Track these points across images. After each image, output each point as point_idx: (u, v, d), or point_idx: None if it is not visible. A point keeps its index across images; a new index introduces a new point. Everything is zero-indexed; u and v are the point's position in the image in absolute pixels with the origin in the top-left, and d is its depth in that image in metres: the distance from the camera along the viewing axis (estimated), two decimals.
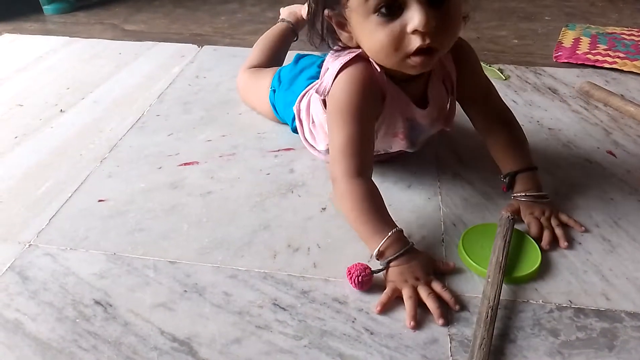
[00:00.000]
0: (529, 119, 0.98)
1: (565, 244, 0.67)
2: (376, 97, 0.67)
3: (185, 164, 0.86)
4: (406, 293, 0.59)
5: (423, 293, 0.59)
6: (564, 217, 0.71)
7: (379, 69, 0.66)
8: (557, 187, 0.79)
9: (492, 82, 0.79)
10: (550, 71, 1.19)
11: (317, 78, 0.82)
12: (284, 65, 1.00)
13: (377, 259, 0.62)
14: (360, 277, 0.60)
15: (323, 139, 0.78)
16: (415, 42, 0.58)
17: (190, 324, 0.57)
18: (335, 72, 0.66)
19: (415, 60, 0.60)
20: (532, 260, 0.64)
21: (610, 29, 1.43)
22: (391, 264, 0.61)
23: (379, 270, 0.61)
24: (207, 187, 0.80)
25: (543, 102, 1.05)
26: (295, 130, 0.86)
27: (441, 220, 0.73)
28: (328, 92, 0.68)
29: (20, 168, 0.85)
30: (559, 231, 0.69)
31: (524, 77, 1.16)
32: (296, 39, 1.11)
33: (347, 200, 0.65)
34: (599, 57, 1.24)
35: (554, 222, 0.70)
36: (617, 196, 0.77)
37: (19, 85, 1.15)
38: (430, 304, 0.58)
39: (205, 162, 0.86)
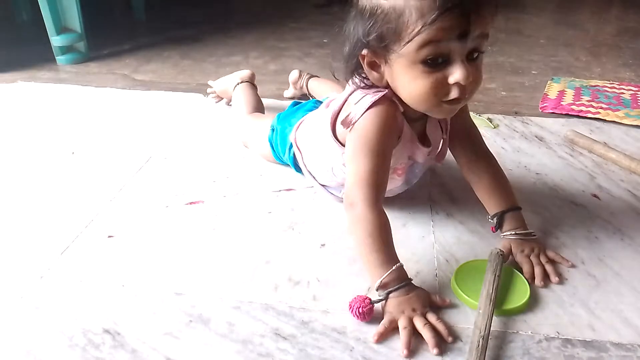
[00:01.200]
0: (517, 164, 1.04)
1: (556, 279, 0.71)
2: (396, 135, 0.74)
3: (191, 203, 0.90)
4: (402, 323, 0.62)
5: (419, 324, 0.62)
6: (551, 254, 0.76)
7: (401, 109, 0.72)
8: (545, 227, 0.83)
9: (482, 130, 0.86)
10: (537, 121, 1.26)
11: (313, 110, 0.89)
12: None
13: (377, 290, 0.65)
14: (361, 309, 0.63)
15: (321, 165, 0.85)
16: (454, 92, 0.65)
17: (195, 352, 0.60)
18: (365, 109, 0.71)
19: (447, 107, 0.68)
20: (521, 293, 0.68)
21: (593, 82, 1.52)
22: (390, 295, 0.64)
23: (379, 301, 0.64)
24: (211, 225, 0.84)
25: (530, 149, 1.11)
26: (293, 162, 0.92)
27: (434, 257, 0.76)
28: (353, 124, 0.72)
29: (34, 206, 0.90)
30: (549, 267, 0.73)
31: (512, 126, 1.23)
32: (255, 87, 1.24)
33: (364, 226, 0.68)
34: (583, 108, 1.31)
35: (543, 259, 0.74)
36: (601, 235, 0.82)
37: (33, 129, 1.21)
38: (426, 334, 0.61)
39: (211, 201, 0.91)
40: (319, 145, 0.83)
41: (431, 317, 0.63)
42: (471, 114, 1.27)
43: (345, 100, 0.76)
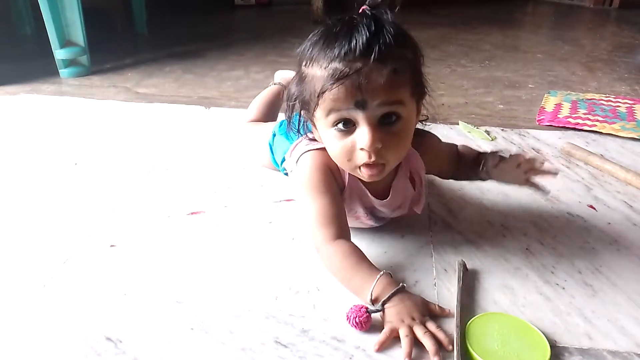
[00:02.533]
0: None
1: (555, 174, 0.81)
2: (337, 181, 0.76)
3: (192, 213, 0.91)
4: (403, 332, 0.62)
5: (419, 332, 0.62)
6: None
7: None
8: (542, 237, 0.84)
9: (480, 142, 0.87)
10: (533, 133, 1.27)
11: None
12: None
13: (373, 305, 0.66)
14: (358, 319, 0.64)
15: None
16: (362, 157, 0.67)
17: (196, 359, 0.60)
18: (297, 156, 0.76)
19: (364, 171, 0.69)
20: (540, 351, 0.61)
21: (589, 96, 1.54)
22: (386, 305, 0.65)
23: (376, 311, 0.65)
24: (213, 234, 0.85)
25: None
26: (285, 171, 0.93)
27: (433, 267, 0.77)
28: (291, 172, 0.78)
29: (36, 215, 0.91)
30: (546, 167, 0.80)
31: (509, 138, 1.25)
32: None
33: (333, 261, 0.71)
34: (579, 121, 1.33)
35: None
36: (598, 246, 0.83)
37: (36, 141, 1.23)
38: (427, 342, 0.61)
39: (212, 211, 0.92)
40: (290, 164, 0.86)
41: (431, 326, 0.63)
42: (469, 125, 1.30)
43: (295, 144, 0.80)
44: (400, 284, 0.67)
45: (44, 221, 0.89)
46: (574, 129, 1.30)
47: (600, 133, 1.27)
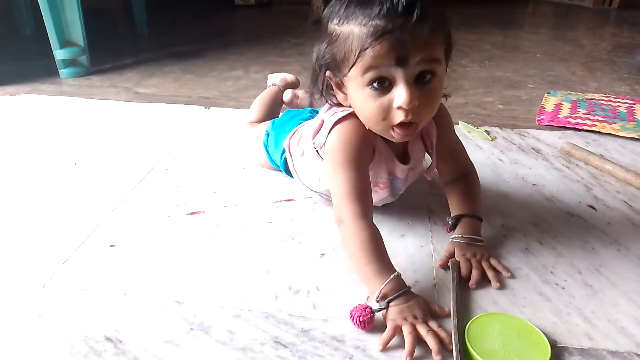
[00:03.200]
0: (514, 176, 1.05)
1: (497, 284, 0.72)
2: (368, 148, 0.75)
3: (192, 213, 0.91)
4: (406, 329, 0.62)
5: (422, 330, 0.62)
6: (493, 262, 0.76)
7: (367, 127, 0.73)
8: (541, 238, 0.84)
9: (479, 142, 0.87)
10: (533, 133, 1.27)
11: (309, 119, 0.91)
12: None
13: (378, 301, 0.66)
14: (362, 318, 0.64)
15: (310, 173, 0.87)
16: (399, 116, 0.67)
17: (196, 359, 0.60)
18: (330, 126, 0.74)
19: (397, 132, 0.69)
20: (541, 352, 0.61)
21: (589, 96, 1.54)
22: (391, 303, 0.65)
23: (380, 310, 0.65)
24: (212, 235, 0.85)
25: (527, 161, 1.12)
26: (284, 166, 0.94)
27: (433, 266, 0.77)
28: (324, 145, 0.76)
29: (36, 215, 0.91)
30: (490, 273, 0.74)
31: (509, 138, 1.25)
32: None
33: (355, 241, 0.70)
34: (579, 121, 1.33)
35: (485, 265, 0.75)
36: (598, 246, 0.83)
37: (36, 140, 1.23)
38: (430, 340, 0.61)
39: (211, 211, 0.92)
40: (307, 155, 0.85)
41: (433, 325, 0.63)
42: (469, 125, 1.29)
43: (321, 119, 0.79)
44: (408, 286, 0.67)
45: (43, 221, 0.89)
46: (574, 128, 1.30)
47: (600, 133, 1.27)
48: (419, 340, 0.62)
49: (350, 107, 0.74)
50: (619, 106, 1.44)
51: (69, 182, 1.03)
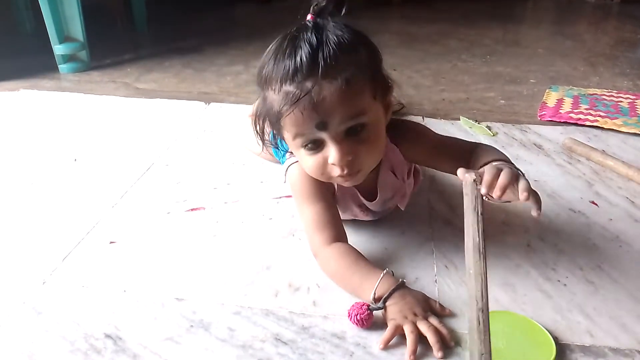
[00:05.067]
0: None
1: (538, 212, 0.58)
2: (328, 186, 0.75)
3: (192, 209, 0.91)
4: (408, 328, 0.62)
5: (423, 327, 0.62)
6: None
7: None
8: (543, 234, 0.84)
9: (481, 138, 0.86)
10: (535, 129, 1.27)
11: None
12: None
13: (375, 303, 0.65)
14: (359, 316, 0.64)
15: None
16: (336, 171, 0.67)
17: (196, 357, 0.60)
18: (287, 167, 0.77)
19: (341, 181, 0.69)
20: (545, 351, 0.60)
21: (591, 91, 1.53)
22: (387, 303, 0.65)
23: (377, 308, 0.65)
24: (212, 231, 0.85)
25: (529, 157, 1.12)
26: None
27: (434, 263, 0.77)
28: (285, 181, 0.79)
29: (35, 211, 0.90)
30: (533, 197, 0.58)
31: (511, 133, 1.24)
32: None
33: (330, 264, 0.71)
34: (581, 116, 1.32)
35: (522, 186, 0.58)
36: (599, 242, 0.82)
37: (35, 136, 1.22)
38: (431, 337, 0.61)
39: (211, 208, 0.91)
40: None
41: (434, 321, 0.63)
42: (470, 121, 1.29)
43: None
44: (400, 280, 0.67)
45: (43, 217, 0.89)
46: (576, 124, 1.29)
47: (602, 128, 1.26)
48: (420, 338, 0.61)
49: None
50: (621, 101, 1.44)
51: (69, 178, 1.03)
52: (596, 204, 0.93)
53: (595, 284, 0.72)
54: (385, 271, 0.67)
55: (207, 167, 1.06)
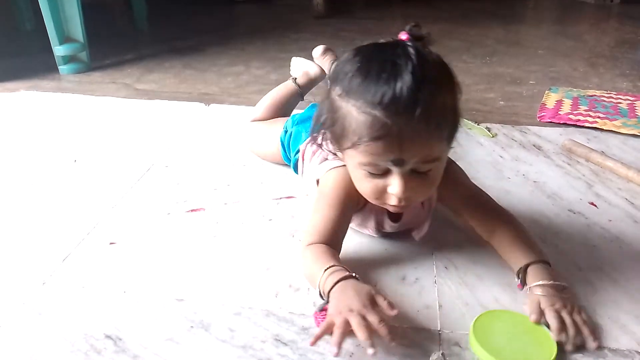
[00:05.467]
0: (515, 172, 1.05)
1: (595, 344, 0.61)
2: (357, 199, 0.74)
3: (192, 210, 0.91)
4: (336, 323, 0.59)
5: (354, 324, 0.58)
6: (584, 315, 0.65)
7: None
8: (543, 235, 0.84)
9: (480, 139, 0.86)
10: (534, 130, 1.27)
11: None
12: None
13: (322, 298, 0.65)
14: (315, 314, 0.64)
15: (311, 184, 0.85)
16: (392, 200, 0.66)
17: (196, 358, 0.60)
18: (327, 169, 0.75)
19: (391, 207, 0.69)
20: (547, 351, 0.60)
21: (590, 92, 1.53)
22: (330, 297, 0.63)
23: (322, 304, 0.64)
24: (212, 232, 0.85)
25: (528, 158, 1.12)
26: (295, 164, 0.94)
27: (434, 264, 0.77)
28: (317, 181, 0.78)
29: (35, 212, 0.90)
30: (586, 330, 0.62)
31: (510, 135, 1.24)
32: (301, 100, 1.20)
33: (304, 262, 0.70)
34: (580, 117, 1.32)
35: (578, 319, 0.63)
36: (599, 243, 0.82)
37: (36, 137, 1.22)
38: (359, 334, 0.57)
39: (212, 208, 0.91)
40: (309, 170, 0.85)
41: (372, 318, 0.58)
42: (469, 122, 1.29)
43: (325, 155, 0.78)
44: (349, 274, 0.64)
45: (43, 218, 0.89)
46: (575, 125, 1.29)
47: (602, 130, 1.26)
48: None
49: None
50: (620, 103, 1.44)
51: (69, 179, 1.03)
52: (596, 205, 0.93)
53: (595, 285, 0.73)
54: (331, 264, 0.65)
55: (207, 168, 1.07)
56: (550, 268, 0.69)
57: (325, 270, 0.64)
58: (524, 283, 0.69)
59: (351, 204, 0.75)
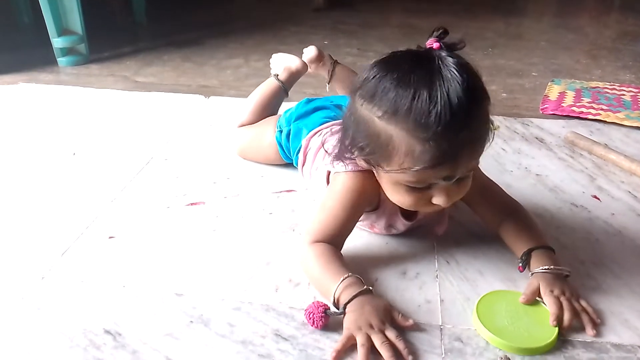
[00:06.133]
0: (517, 166, 1.04)
1: (593, 332, 0.62)
2: (371, 202, 0.74)
3: (192, 204, 0.90)
4: (359, 340, 0.59)
5: (377, 341, 0.59)
6: (583, 302, 0.66)
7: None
8: (545, 228, 0.83)
9: None
10: (537, 122, 1.26)
11: (333, 119, 0.88)
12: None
13: (336, 308, 0.64)
14: (312, 315, 0.62)
15: (317, 185, 0.84)
16: (436, 208, 0.66)
17: (196, 353, 0.60)
18: (345, 170, 0.71)
19: (429, 209, 0.67)
20: (547, 330, 0.62)
21: (593, 84, 1.52)
22: (347, 309, 0.62)
23: (335, 314, 0.63)
24: (212, 226, 0.84)
25: (530, 151, 1.11)
26: (297, 160, 0.92)
27: (435, 258, 0.76)
28: (332, 180, 0.75)
29: (34, 206, 0.90)
30: (585, 317, 0.64)
31: (513, 127, 1.23)
32: (286, 96, 1.12)
33: (307, 261, 0.69)
34: (584, 109, 1.31)
35: (577, 305, 0.65)
36: (601, 237, 0.82)
37: (34, 130, 1.22)
38: (384, 352, 0.58)
39: (211, 202, 0.91)
40: (320, 165, 0.83)
41: (390, 334, 0.60)
42: None
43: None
44: (365, 287, 0.64)
45: (42, 212, 0.88)
46: (578, 117, 1.28)
47: (605, 122, 1.26)
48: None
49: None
50: (624, 95, 1.43)
51: (68, 172, 1.02)
52: (598, 198, 0.93)
53: (597, 279, 0.72)
54: (348, 275, 0.64)
55: (206, 161, 1.06)
56: (554, 255, 0.70)
57: (342, 281, 0.64)
58: (525, 267, 0.70)
59: (364, 208, 0.74)
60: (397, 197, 0.67)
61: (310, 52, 1.16)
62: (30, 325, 0.64)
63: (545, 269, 0.67)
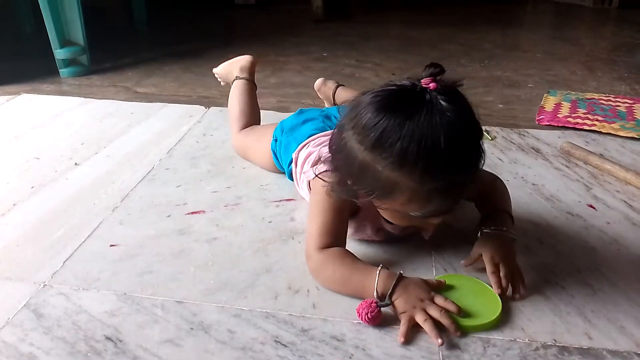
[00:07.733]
0: (514, 175, 1.05)
1: (517, 295, 0.70)
2: (351, 205, 0.75)
3: (192, 212, 0.91)
4: (420, 318, 0.64)
5: (435, 313, 0.64)
6: (515, 268, 0.72)
7: None
8: (541, 237, 0.84)
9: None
10: (533, 133, 1.27)
11: (321, 130, 0.90)
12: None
13: (380, 301, 0.66)
14: (369, 314, 0.64)
15: (305, 190, 0.86)
16: (431, 226, 0.72)
17: (196, 359, 0.60)
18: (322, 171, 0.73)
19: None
20: (492, 307, 0.67)
21: (589, 95, 1.54)
22: (393, 297, 0.66)
23: (385, 305, 0.65)
24: (212, 234, 0.85)
25: (527, 160, 1.12)
26: (290, 175, 0.94)
27: (433, 266, 0.77)
28: (311, 186, 0.78)
29: (36, 215, 0.91)
30: (513, 280, 0.70)
31: (509, 137, 1.25)
32: (256, 88, 1.23)
33: (326, 268, 0.71)
34: (579, 120, 1.33)
35: (509, 265, 0.71)
36: (597, 245, 0.83)
37: (36, 140, 1.23)
38: (444, 320, 0.64)
39: (211, 211, 0.92)
40: (303, 175, 0.86)
41: (439, 300, 0.66)
42: None
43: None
44: (398, 273, 0.68)
45: (44, 220, 0.89)
46: (574, 128, 1.30)
47: (600, 132, 1.27)
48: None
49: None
50: (619, 106, 1.45)
51: (70, 181, 1.03)
52: (594, 208, 0.94)
53: (593, 287, 0.73)
54: (380, 267, 0.68)
55: (206, 171, 1.07)
56: (509, 220, 0.78)
57: (379, 274, 0.67)
58: (481, 225, 0.77)
59: (348, 205, 0.75)
60: (394, 219, 0.71)
61: (318, 81, 1.34)
62: (31, 332, 0.64)
63: (493, 229, 0.74)
